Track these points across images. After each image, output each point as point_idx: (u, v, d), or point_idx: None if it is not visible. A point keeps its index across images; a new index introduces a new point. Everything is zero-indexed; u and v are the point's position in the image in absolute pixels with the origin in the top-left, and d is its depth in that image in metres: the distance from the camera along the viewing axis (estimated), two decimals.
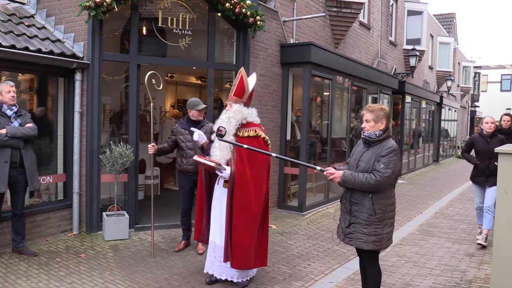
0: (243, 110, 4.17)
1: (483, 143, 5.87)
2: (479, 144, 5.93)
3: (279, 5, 7.76)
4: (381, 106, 3.46)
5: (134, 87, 5.95)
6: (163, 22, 6.03)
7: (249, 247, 4.07)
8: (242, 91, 4.20)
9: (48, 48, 5.42)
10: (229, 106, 4.19)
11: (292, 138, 8.14)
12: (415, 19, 15.69)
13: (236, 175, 4.00)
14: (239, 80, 4.20)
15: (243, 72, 4.25)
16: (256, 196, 4.08)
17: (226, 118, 4.11)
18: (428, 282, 4.53)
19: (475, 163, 5.98)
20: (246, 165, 4.04)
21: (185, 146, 5.18)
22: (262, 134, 4.21)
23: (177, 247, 5.35)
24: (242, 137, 4.11)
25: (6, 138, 4.54)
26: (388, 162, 3.25)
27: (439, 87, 20.47)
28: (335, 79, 8.68)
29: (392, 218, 3.43)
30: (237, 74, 4.28)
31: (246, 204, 4.02)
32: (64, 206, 5.81)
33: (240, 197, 4.00)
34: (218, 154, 4.11)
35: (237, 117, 4.11)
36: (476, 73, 30.34)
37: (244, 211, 4.01)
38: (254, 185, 4.06)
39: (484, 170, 5.87)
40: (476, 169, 6.01)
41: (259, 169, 4.13)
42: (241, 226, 4.01)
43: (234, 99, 4.19)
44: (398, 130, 13.59)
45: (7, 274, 4.37)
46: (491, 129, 5.80)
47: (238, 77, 4.22)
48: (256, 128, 4.20)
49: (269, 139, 4.33)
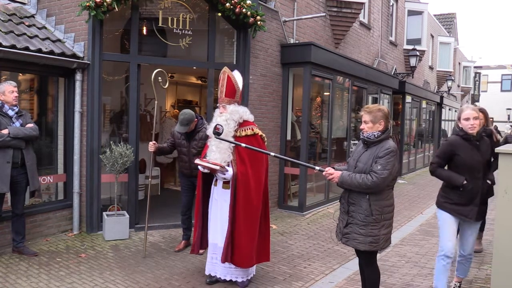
0: (239, 109, 4.11)
1: (471, 151, 3.70)
2: (464, 152, 3.70)
3: (279, 5, 7.76)
4: (379, 107, 3.45)
5: (135, 87, 5.95)
6: (163, 22, 6.03)
7: (252, 243, 4.09)
8: (233, 91, 4.11)
9: (49, 48, 5.43)
10: (223, 108, 4.09)
11: (292, 138, 8.14)
12: (415, 19, 15.68)
13: (238, 176, 3.99)
14: (226, 81, 4.07)
15: (228, 71, 4.12)
16: (257, 196, 4.10)
17: (224, 120, 4.00)
18: (428, 283, 4.52)
19: (461, 184, 3.72)
20: (247, 165, 4.04)
21: (180, 151, 5.21)
22: (259, 132, 4.21)
23: (177, 247, 5.35)
24: (240, 137, 4.08)
25: (8, 138, 4.55)
26: (385, 163, 3.24)
27: (439, 87, 20.46)
28: (335, 79, 8.68)
29: (390, 219, 3.42)
30: (221, 74, 4.14)
31: (248, 204, 4.03)
32: (64, 206, 5.81)
33: (243, 196, 4.00)
34: (218, 157, 3.99)
35: (235, 118, 4.06)
36: (476, 73, 30.33)
37: (246, 208, 4.02)
38: (255, 185, 4.08)
39: (473, 194, 3.73)
40: (457, 192, 3.77)
41: (259, 167, 4.14)
42: (243, 224, 4.01)
43: (227, 100, 4.09)
44: (398, 130, 13.59)
45: (8, 274, 4.37)
46: (474, 128, 3.70)
47: (224, 77, 4.09)
48: (253, 126, 4.19)
49: (265, 136, 4.32)
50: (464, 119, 3.73)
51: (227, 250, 4.01)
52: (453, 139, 3.80)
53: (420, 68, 16.61)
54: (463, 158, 3.71)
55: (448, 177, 3.82)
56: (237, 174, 3.98)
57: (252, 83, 7.05)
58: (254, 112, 7.11)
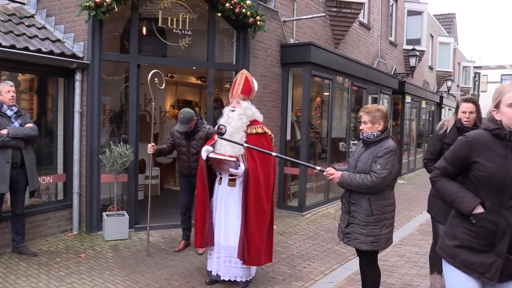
0: (252, 107, 4.17)
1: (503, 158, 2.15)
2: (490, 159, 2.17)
3: (279, 5, 7.76)
4: (378, 107, 3.45)
5: (134, 87, 5.95)
6: (163, 22, 6.03)
7: (262, 243, 4.09)
8: (249, 89, 4.20)
9: (48, 48, 5.42)
10: (236, 103, 4.10)
11: (292, 138, 8.15)
12: (415, 19, 15.70)
13: (250, 172, 3.97)
14: (244, 81, 4.17)
15: (247, 73, 4.25)
16: (267, 194, 4.10)
17: (237, 114, 4.02)
18: (428, 283, 4.52)
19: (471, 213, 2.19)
20: (257, 162, 4.04)
21: (180, 151, 5.20)
22: (268, 132, 4.24)
23: (177, 247, 5.35)
24: (250, 134, 4.09)
25: (7, 138, 4.54)
26: (384, 163, 3.24)
27: (439, 87, 20.47)
28: (335, 79, 8.68)
29: (391, 219, 3.42)
30: (239, 75, 4.24)
31: (258, 201, 4.03)
32: (64, 206, 5.81)
33: (254, 194, 3.99)
34: (229, 151, 3.99)
35: (248, 113, 4.09)
36: (476, 73, 30.35)
37: (257, 208, 4.02)
38: (264, 183, 4.08)
39: (496, 233, 2.13)
40: (469, 226, 2.23)
41: (268, 165, 4.14)
42: (254, 223, 4.00)
43: (242, 96, 4.14)
44: (398, 130, 13.60)
45: (7, 274, 4.37)
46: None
47: (242, 78, 4.18)
48: (262, 125, 4.21)
49: (273, 137, 4.35)
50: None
51: (243, 248, 3.96)
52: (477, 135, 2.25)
53: (419, 68, 16.62)
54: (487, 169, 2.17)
55: (452, 197, 2.31)
56: (248, 170, 3.95)
57: None
58: None
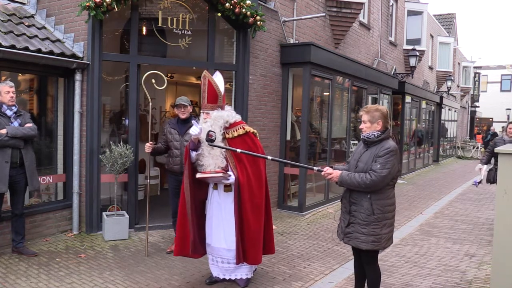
0: (222, 114, 4.06)
1: None
2: None
3: (279, 5, 7.76)
4: (377, 107, 3.47)
5: (134, 87, 5.95)
6: (163, 22, 6.03)
7: (260, 240, 4.12)
8: (215, 96, 4.04)
9: (48, 48, 5.42)
10: (206, 115, 4.04)
11: (292, 138, 8.14)
12: (415, 19, 15.69)
13: (240, 177, 3.99)
14: (207, 86, 4.02)
15: (209, 75, 4.06)
16: (259, 190, 4.12)
17: (209, 126, 3.96)
18: (428, 283, 4.53)
19: None
20: (245, 162, 4.05)
21: (172, 146, 5.15)
22: (250, 129, 4.19)
23: (169, 248, 5.25)
24: (232, 138, 4.06)
25: (6, 138, 4.54)
26: (385, 162, 3.25)
27: (439, 87, 20.46)
28: (335, 79, 8.68)
29: (392, 219, 3.43)
30: (202, 79, 4.08)
31: (253, 202, 4.05)
32: (64, 206, 5.80)
33: (248, 198, 4.02)
34: (211, 163, 3.98)
35: (219, 123, 4.02)
36: (476, 73, 30.32)
37: (253, 208, 4.04)
38: (256, 182, 4.10)
39: None
40: None
41: (257, 162, 4.15)
42: (250, 222, 4.02)
43: (209, 107, 4.04)
44: (398, 130, 13.60)
45: (7, 274, 4.37)
46: None
47: (205, 83, 4.03)
48: (243, 125, 4.18)
49: (257, 132, 4.28)
50: None
51: (239, 252, 4.01)
52: None
53: (419, 68, 16.62)
54: None
55: None
56: (238, 177, 3.98)
57: (252, 83, 7.05)
58: (254, 112, 7.16)
